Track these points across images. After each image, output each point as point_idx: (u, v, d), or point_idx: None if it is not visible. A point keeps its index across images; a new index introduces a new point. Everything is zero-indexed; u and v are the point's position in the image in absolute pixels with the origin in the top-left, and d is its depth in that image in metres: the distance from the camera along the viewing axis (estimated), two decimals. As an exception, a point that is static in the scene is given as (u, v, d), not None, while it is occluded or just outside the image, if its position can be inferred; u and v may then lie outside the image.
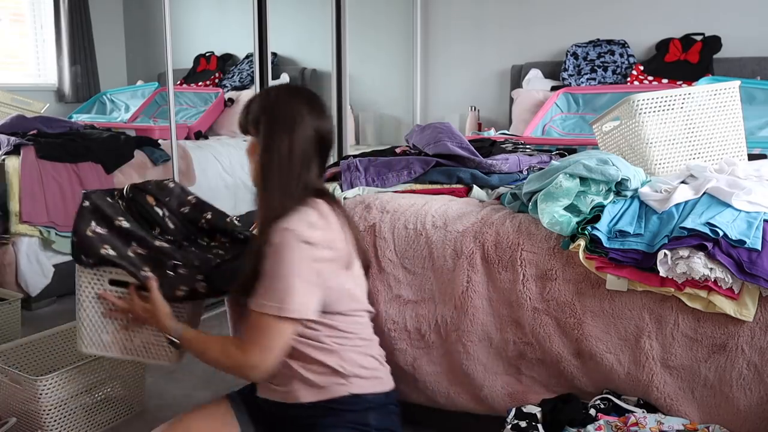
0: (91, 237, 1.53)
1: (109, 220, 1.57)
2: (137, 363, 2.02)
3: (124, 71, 5.26)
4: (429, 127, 2.18)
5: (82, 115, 4.57)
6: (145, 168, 3.40)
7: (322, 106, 1.41)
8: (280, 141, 1.35)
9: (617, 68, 3.56)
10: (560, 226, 1.46)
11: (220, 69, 4.63)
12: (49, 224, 2.91)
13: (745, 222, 1.37)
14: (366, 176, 1.94)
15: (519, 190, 1.68)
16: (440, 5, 4.16)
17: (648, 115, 1.72)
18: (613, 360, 1.45)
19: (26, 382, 1.77)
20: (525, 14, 3.92)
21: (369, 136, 4.32)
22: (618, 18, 3.65)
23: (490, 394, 1.59)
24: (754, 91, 2.88)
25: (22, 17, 4.71)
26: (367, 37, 4.27)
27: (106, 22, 5.08)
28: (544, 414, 1.42)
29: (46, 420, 1.78)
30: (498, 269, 1.55)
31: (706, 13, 3.43)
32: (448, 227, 1.64)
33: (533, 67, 3.83)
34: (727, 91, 1.76)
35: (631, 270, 1.39)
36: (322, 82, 4.43)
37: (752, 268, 1.29)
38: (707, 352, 1.37)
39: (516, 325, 1.55)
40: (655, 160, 1.74)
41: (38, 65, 4.79)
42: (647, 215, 1.48)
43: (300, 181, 1.35)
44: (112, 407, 1.97)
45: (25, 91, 4.32)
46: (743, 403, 1.34)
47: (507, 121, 3.93)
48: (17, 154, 3.00)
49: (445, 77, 4.24)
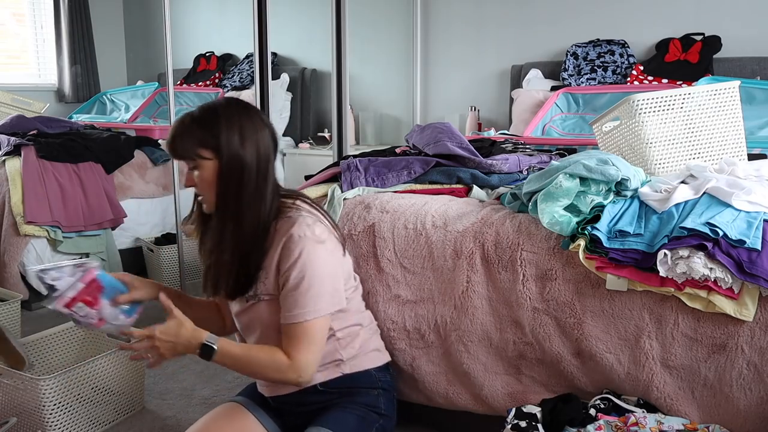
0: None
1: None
2: (137, 362, 2.02)
3: (124, 71, 5.26)
4: (429, 127, 2.19)
5: (82, 115, 4.57)
6: (145, 168, 3.40)
7: (255, 107, 1.42)
8: (247, 150, 1.33)
9: (617, 68, 3.56)
10: (560, 226, 1.46)
11: (220, 69, 4.63)
12: (53, 223, 2.91)
13: (745, 222, 1.37)
14: (366, 176, 1.94)
15: (519, 190, 1.68)
16: (440, 5, 4.16)
17: (648, 115, 1.72)
18: (613, 360, 1.45)
19: (28, 382, 1.77)
20: (525, 14, 3.92)
21: (369, 136, 4.32)
22: (618, 18, 3.65)
23: (490, 394, 1.59)
24: (754, 91, 2.88)
25: (22, 17, 4.71)
26: (367, 37, 4.26)
27: (106, 22, 5.08)
28: (544, 414, 1.42)
29: (47, 420, 1.78)
30: (498, 269, 1.55)
31: (706, 13, 3.43)
32: (448, 227, 1.64)
33: (533, 67, 3.82)
34: (727, 91, 1.76)
35: (631, 270, 1.39)
36: (322, 82, 4.43)
37: (752, 268, 1.29)
38: (707, 351, 1.37)
39: (516, 325, 1.55)
40: (655, 160, 1.74)
41: (38, 65, 4.79)
42: (647, 215, 1.48)
43: (271, 185, 1.37)
44: (113, 406, 1.97)
45: (25, 91, 4.32)
46: (743, 403, 1.35)
47: (507, 121, 3.93)
48: (18, 155, 3.01)
49: (445, 77, 4.24)
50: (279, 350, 1.33)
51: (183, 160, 1.35)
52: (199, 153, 1.31)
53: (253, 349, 1.37)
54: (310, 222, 1.35)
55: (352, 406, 1.43)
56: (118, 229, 3.25)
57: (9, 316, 2.48)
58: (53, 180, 2.98)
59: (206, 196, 1.36)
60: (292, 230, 1.32)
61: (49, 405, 1.77)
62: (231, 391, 2.13)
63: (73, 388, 1.83)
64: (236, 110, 1.34)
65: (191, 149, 1.31)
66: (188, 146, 1.31)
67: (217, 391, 2.13)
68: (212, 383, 2.19)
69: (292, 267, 1.31)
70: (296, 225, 1.33)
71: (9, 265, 2.82)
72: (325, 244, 1.36)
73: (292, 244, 1.32)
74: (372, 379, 1.48)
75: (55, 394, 1.78)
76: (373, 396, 1.46)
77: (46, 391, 1.76)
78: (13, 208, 2.84)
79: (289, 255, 1.31)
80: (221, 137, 1.31)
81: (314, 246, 1.33)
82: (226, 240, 1.35)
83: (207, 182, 1.33)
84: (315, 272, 1.32)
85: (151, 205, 3.42)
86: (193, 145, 1.31)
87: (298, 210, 1.38)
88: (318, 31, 4.31)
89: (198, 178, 1.34)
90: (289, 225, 1.34)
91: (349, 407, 1.42)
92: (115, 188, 3.21)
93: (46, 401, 1.77)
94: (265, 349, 1.35)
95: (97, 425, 1.92)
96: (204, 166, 1.32)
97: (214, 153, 1.31)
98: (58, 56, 4.74)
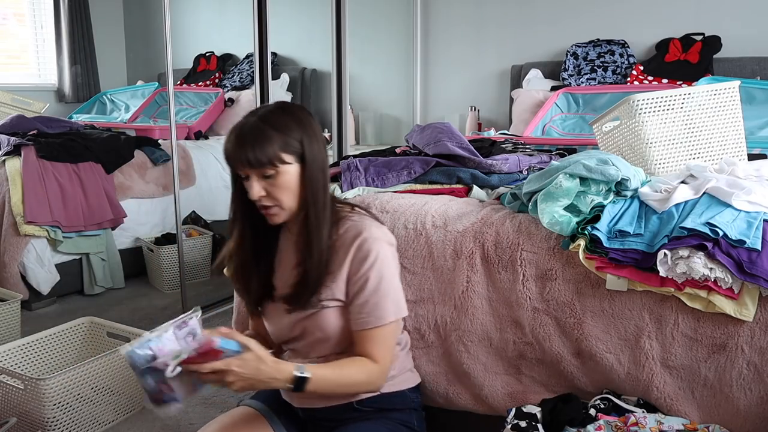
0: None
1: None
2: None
3: (124, 71, 5.26)
4: (429, 127, 2.18)
5: (82, 115, 4.57)
6: (145, 168, 3.40)
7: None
8: (322, 153, 1.33)
9: (617, 68, 3.56)
10: (560, 226, 1.46)
11: (220, 69, 4.64)
12: (53, 223, 2.91)
13: (745, 222, 1.37)
14: (366, 176, 1.94)
15: (519, 190, 1.68)
16: (440, 5, 4.16)
17: (648, 115, 1.72)
18: (613, 360, 1.45)
19: (29, 382, 1.77)
20: (525, 14, 3.93)
21: (369, 136, 4.32)
22: (618, 18, 3.65)
23: (490, 394, 1.59)
24: (754, 91, 2.88)
25: (22, 17, 4.71)
26: (367, 37, 4.27)
27: (106, 22, 5.08)
28: (544, 414, 1.42)
29: (47, 420, 1.78)
30: (498, 269, 1.55)
31: (706, 13, 3.43)
32: (448, 227, 1.64)
33: (533, 67, 3.83)
34: (727, 91, 1.76)
35: (631, 270, 1.39)
36: (322, 82, 4.43)
37: (752, 268, 1.29)
38: (707, 351, 1.37)
39: (516, 325, 1.55)
40: (655, 160, 1.74)
41: (38, 65, 4.79)
42: (647, 215, 1.48)
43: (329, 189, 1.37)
44: (113, 406, 1.97)
45: (25, 91, 4.32)
46: (743, 403, 1.35)
47: (507, 121, 3.93)
48: (18, 155, 3.01)
49: (445, 77, 4.24)
50: (361, 357, 1.30)
51: (260, 169, 1.25)
52: (282, 158, 1.26)
53: (339, 365, 1.30)
54: (377, 225, 1.37)
55: (383, 420, 1.40)
56: (118, 229, 3.25)
57: (9, 316, 2.48)
58: (53, 180, 2.98)
59: (285, 203, 1.29)
60: (365, 233, 1.32)
61: (50, 405, 1.78)
62: (232, 392, 2.13)
63: (73, 388, 1.83)
64: (302, 113, 1.33)
65: (275, 155, 1.25)
66: (271, 152, 1.24)
67: (217, 391, 2.13)
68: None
69: (371, 269, 1.30)
70: (367, 228, 1.33)
71: (9, 265, 2.82)
72: (393, 247, 1.38)
73: (368, 246, 1.31)
74: (406, 400, 1.46)
75: (55, 394, 1.78)
76: (407, 414, 1.44)
77: (47, 391, 1.76)
78: (13, 208, 2.84)
79: (366, 258, 1.30)
80: (303, 140, 1.28)
81: (387, 248, 1.34)
82: (314, 246, 1.31)
83: (288, 189, 1.28)
84: (391, 273, 1.33)
85: (151, 205, 3.43)
86: (276, 151, 1.25)
87: (359, 214, 1.39)
88: (318, 31, 4.31)
89: (275, 186, 1.27)
90: (359, 228, 1.33)
91: (381, 421, 1.39)
92: (115, 188, 3.21)
93: (47, 401, 1.77)
94: (350, 361, 1.30)
95: (97, 425, 1.92)
96: (285, 172, 1.27)
97: (297, 157, 1.28)
98: (58, 56, 4.74)
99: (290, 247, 1.39)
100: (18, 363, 1.99)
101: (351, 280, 1.32)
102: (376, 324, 1.31)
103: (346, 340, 1.35)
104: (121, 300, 3.14)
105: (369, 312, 1.31)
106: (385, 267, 1.32)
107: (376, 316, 1.31)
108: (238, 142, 1.25)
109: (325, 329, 1.34)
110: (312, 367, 1.24)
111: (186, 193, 3.50)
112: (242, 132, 1.25)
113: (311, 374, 1.22)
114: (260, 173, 1.26)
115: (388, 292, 1.32)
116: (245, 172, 1.27)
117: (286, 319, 1.38)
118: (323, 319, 1.34)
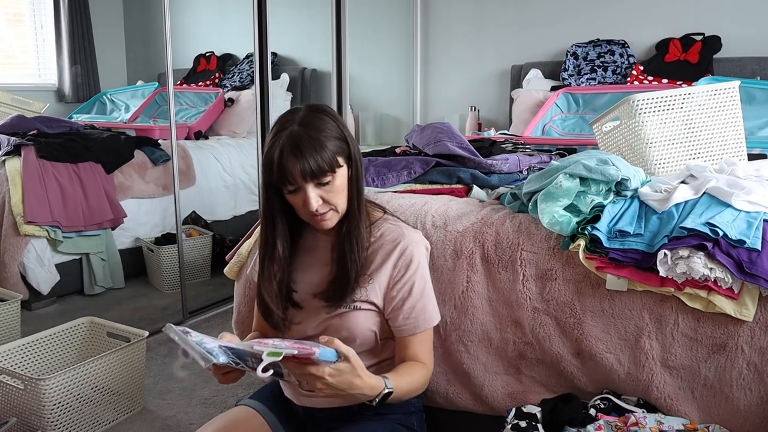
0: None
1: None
2: (142, 363, 2.02)
3: (124, 71, 5.26)
4: (429, 127, 2.19)
5: (82, 115, 4.57)
6: (145, 168, 3.40)
7: None
8: (358, 149, 1.34)
9: (617, 68, 3.56)
10: (560, 226, 1.46)
11: (220, 69, 4.63)
12: (53, 223, 2.91)
13: (745, 222, 1.37)
14: (366, 176, 1.94)
15: (519, 190, 1.68)
16: (440, 5, 4.16)
17: (648, 115, 1.72)
18: (613, 360, 1.45)
19: (29, 382, 1.77)
20: (525, 14, 3.92)
21: (369, 136, 4.32)
22: (618, 18, 3.65)
23: (490, 393, 1.59)
24: (754, 91, 2.88)
25: (22, 17, 4.71)
26: (367, 37, 4.27)
27: (106, 22, 5.08)
28: (544, 414, 1.42)
29: (47, 420, 1.78)
30: (498, 269, 1.55)
31: (706, 13, 3.43)
32: (448, 227, 1.64)
33: (533, 67, 3.83)
34: (727, 91, 1.76)
35: (631, 270, 1.39)
36: (322, 82, 4.43)
37: (752, 268, 1.29)
38: (707, 352, 1.37)
39: (516, 325, 1.55)
40: (655, 160, 1.74)
41: (38, 65, 4.79)
42: (647, 215, 1.48)
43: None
44: (113, 406, 1.97)
45: (25, 91, 4.32)
46: (743, 403, 1.35)
47: (507, 121, 3.93)
48: (18, 155, 3.01)
49: (445, 77, 4.24)
50: (413, 362, 1.33)
51: (319, 178, 1.23)
52: (339, 162, 1.26)
53: (407, 372, 1.31)
54: (413, 229, 1.40)
55: (383, 422, 1.39)
56: (118, 229, 3.25)
57: (9, 316, 2.48)
58: (53, 180, 2.98)
59: (339, 206, 1.29)
60: (406, 238, 1.34)
61: (50, 405, 1.78)
62: (231, 392, 2.13)
63: (73, 388, 1.83)
64: (331, 110, 1.33)
65: (334, 160, 1.24)
66: (328, 158, 1.23)
67: (217, 391, 2.13)
68: (212, 383, 2.19)
69: (416, 274, 1.33)
70: (406, 233, 1.36)
71: (9, 265, 2.82)
72: (428, 252, 1.42)
73: (411, 252, 1.33)
74: (407, 402, 1.44)
75: (56, 394, 1.78)
76: (407, 416, 1.45)
77: (47, 391, 1.76)
78: (13, 208, 2.84)
79: (410, 263, 1.33)
80: (348, 139, 1.29)
81: (425, 252, 1.39)
82: (355, 242, 1.31)
83: (342, 191, 1.29)
84: (429, 276, 1.38)
85: (151, 205, 3.43)
86: (334, 156, 1.24)
87: (393, 217, 1.42)
88: (318, 31, 4.31)
89: (331, 191, 1.27)
90: (398, 233, 1.35)
91: (381, 422, 1.39)
92: (115, 188, 3.21)
93: (47, 401, 1.77)
94: (409, 366, 1.32)
95: (97, 425, 1.92)
96: (340, 175, 1.27)
97: (346, 158, 1.28)
98: (58, 56, 4.74)
99: (325, 246, 1.38)
100: (18, 363, 1.99)
101: (394, 286, 1.33)
102: (425, 327, 1.34)
103: (368, 344, 1.36)
104: (121, 300, 3.14)
105: (416, 316, 1.34)
106: (426, 271, 1.37)
107: (424, 319, 1.34)
108: (295, 154, 1.20)
109: (352, 330, 1.33)
110: (392, 378, 1.24)
111: (186, 193, 3.50)
112: (296, 143, 1.21)
113: (393, 386, 1.22)
114: (317, 182, 1.24)
115: (430, 296, 1.37)
116: (300, 183, 1.23)
117: (314, 317, 1.36)
118: (352, 319, 1.33)
